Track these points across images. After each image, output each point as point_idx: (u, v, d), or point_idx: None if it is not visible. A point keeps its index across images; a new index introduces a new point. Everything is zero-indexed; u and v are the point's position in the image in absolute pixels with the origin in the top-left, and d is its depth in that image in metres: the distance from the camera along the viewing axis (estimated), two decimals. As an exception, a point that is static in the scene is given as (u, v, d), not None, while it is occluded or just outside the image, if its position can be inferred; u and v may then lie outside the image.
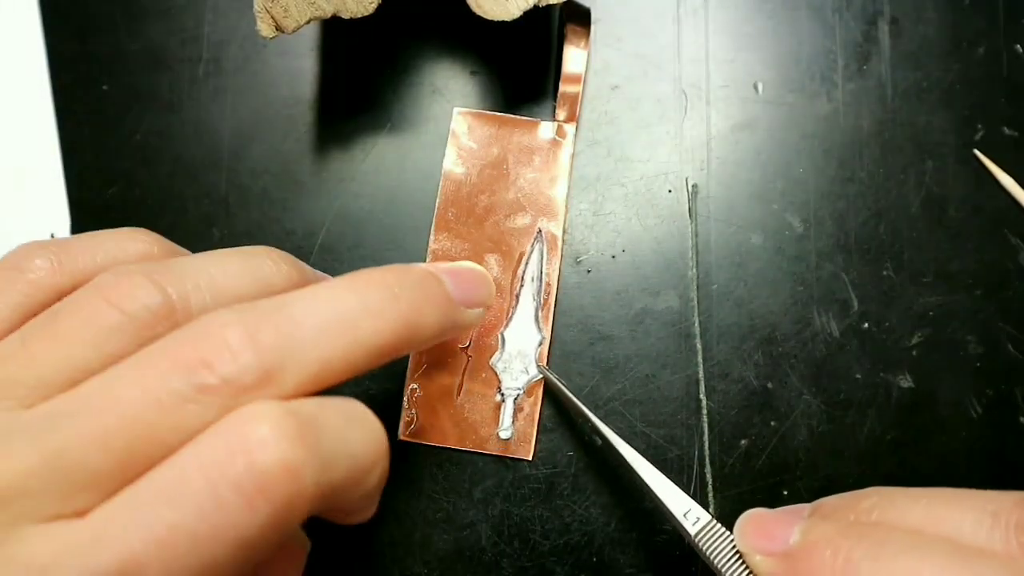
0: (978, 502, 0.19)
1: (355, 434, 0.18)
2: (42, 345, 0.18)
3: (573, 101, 0.29)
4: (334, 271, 0.28)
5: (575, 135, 0.30)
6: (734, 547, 0.21)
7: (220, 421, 0.16)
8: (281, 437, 0.16)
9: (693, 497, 0.27)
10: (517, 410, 0.27)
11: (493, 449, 0.27)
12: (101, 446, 0.16)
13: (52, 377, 0.18)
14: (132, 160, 0.30)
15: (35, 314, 0.20)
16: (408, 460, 0.27)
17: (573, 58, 0.29)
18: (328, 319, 0.19)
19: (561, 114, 0.29)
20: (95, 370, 0.18)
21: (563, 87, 0.29)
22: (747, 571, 0.21)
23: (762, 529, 0.21)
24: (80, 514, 0.16)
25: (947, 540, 0.19)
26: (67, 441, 0.16)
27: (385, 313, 0.19)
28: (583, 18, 0.29)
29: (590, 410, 0.26)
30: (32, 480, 0.16)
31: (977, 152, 0.29)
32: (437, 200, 0.29)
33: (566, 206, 0.29)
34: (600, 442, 0.27)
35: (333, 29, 0.31)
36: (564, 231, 0.29)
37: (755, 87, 0.30)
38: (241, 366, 0.17)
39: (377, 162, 0.30)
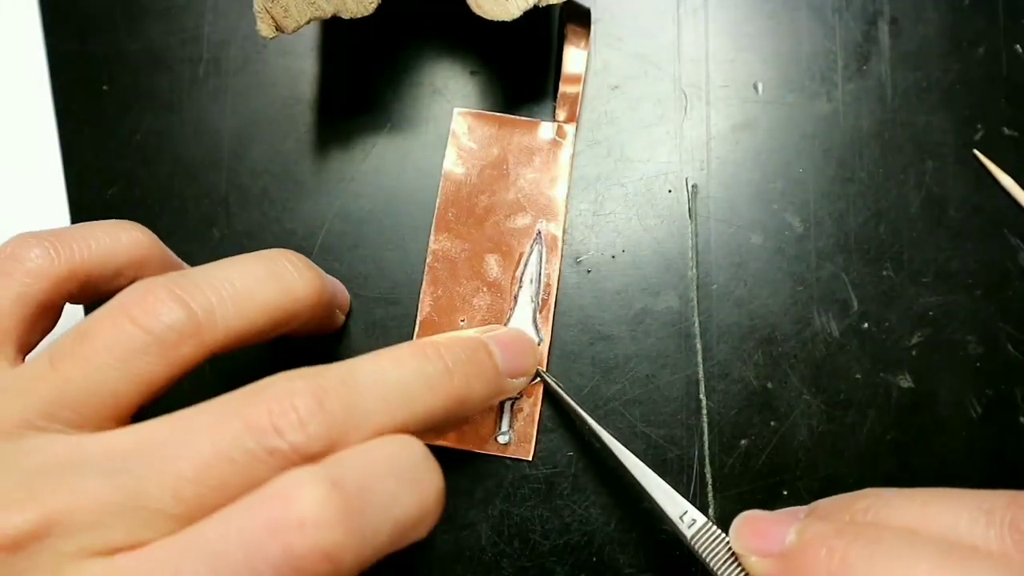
0: (973, 501, 0.19)
1: (405, 497, 0.18)
2: (73, 367, 0.19)
3: (573, 101, 0.29)
4: (334, 271, 0.28)
5: (575, 135, 0.30)
6: (730, 549, 0.21)
7: (268, 486, 0.17)
8: (322, 521, 0.16)
9: (693, 497, 0.27)
10: (516, 411, 0.27)
11: (493, 450, 0.27)
12: (174, 492, 0.17)
13: (89, 401, 0.18)
14: (132, 160, 0.30)
15: (37, 303, 0.20)
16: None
17: (573, 58, 0.29)
18: (390, 390, 0.19)
19: (561, 114, 0.29)
20: (125, 393, 0.19)
21: (563, 87, 0.29)
22: (743, 573, 0.21)
23: (757, 530, 0.21)
24: (134, 547, 0.17)
25: (942, 539, 0.19)
26: (143, 483, 0.17)
27: (440, 387, 0.20)
28: (583, 18, 0.29)
29: (588, 412, 0.26)
30: (104, 516, 0.17)
31: (977, 152, 0.29)
32: (437, 200, 0.29)
33: (566, 206, 0.29)
34: (598, 445, 0.27)
35: (333, 29, 0.31)
36: (564, 232, 0.29)
37: (755, 87, 0.30)
38: (310, 436, 0.17)
39: (377, 162, 0.30)
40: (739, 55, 0.30)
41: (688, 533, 0.22)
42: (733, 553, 0.21)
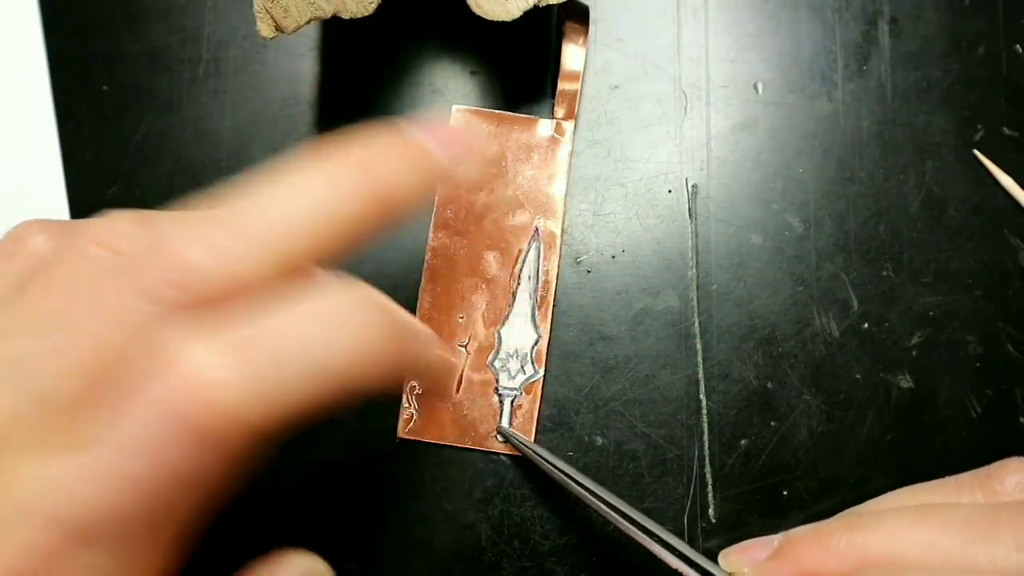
0: (943, 488, 0.22)
1: (327, 342, 0.16)
2: (38, 294, 0.17)
3: (572, 98, 0.29)
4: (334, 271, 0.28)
5: (574, 133, 0.30)
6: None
7: (153, 353, 0.16)
8: (216, 382, 0.15)
9: (693, 497, 0.27)
10: (516, 408, 0.27)
11: (492, 446, 0.27)
12: (78, 376, 0.16)
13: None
14: (132, 160, 0.30)
15: None
16: (408, 460, 0.27)
17: (571, 55, 0.29)
18: (292, 210, 0.18)
19: (559, 111, 0.29)
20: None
21: (561, 85, 0.29)
22: None
23: (744, 548, 0.23)
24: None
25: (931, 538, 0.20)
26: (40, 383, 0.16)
27: (356, 191, 0.18)
28: (581, 16, 0.29)
29: (590, 410, 0.26)
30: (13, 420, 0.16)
31: (977, 152, 0.29)
32: (435, 198, 0.29)
33: (565, 204, 0.29)
34: (600, 441, 0.27)
35: (333, 29, 0.31)
36: (563, 229, 0.29)
37: (755, 87, 0.30)
38: (206, 280, 0.17)
39: (377, 162, 0.30)
40: (739, 55, 0.30)
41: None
42: None
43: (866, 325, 0.28)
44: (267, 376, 0.16)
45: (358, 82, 0.30)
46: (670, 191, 0.29)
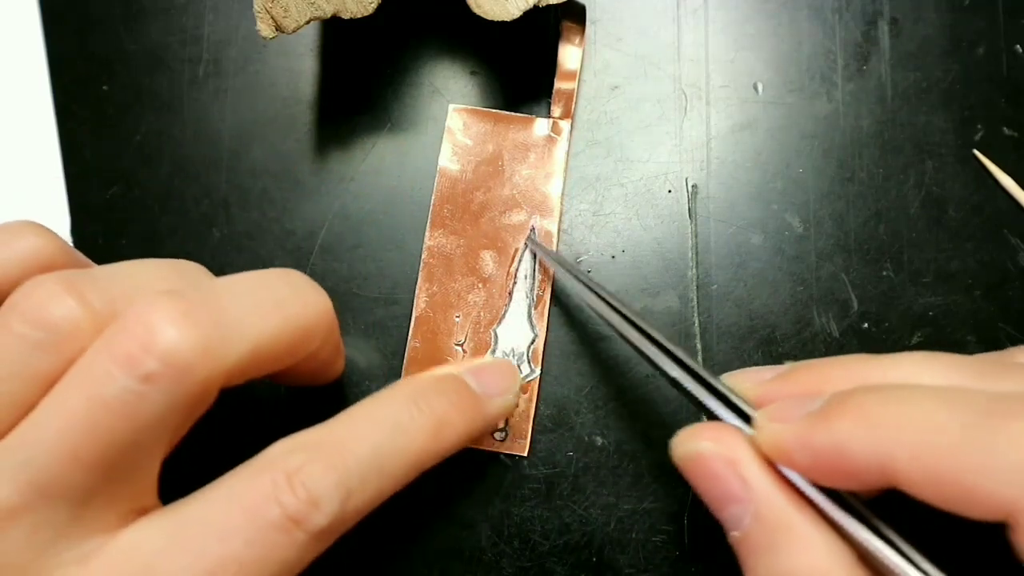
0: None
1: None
2: None
3: (568, 98, 0.29)
4: (334, 271, 0.29)
5: (570, 132, 0.30)
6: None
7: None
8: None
9: (693, 498, 0.27)
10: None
11: (489, 446, 0.27)
12: (78, 463, 0.17)
13: None
14: (132, 160, 0.30)
15: None
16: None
17: (568, 55, 0.30)
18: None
19: (556, 111, 0.29)
20: (32, 401, 0.18)
21: (558, 84, 0.29)
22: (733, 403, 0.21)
23: (749, 370, 0.22)
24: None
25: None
26: (44, 465, 0.17)
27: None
28: (578, 15, 0.29)
29: (592, 411, 0.26)
30: (19, 510, 0.17)
31: (977, 152, 0.29)
32: (433, 197, 0.29)
33: (561, 203, 0.29)
34: (600, 441, 0.27)
35: (333, 29, 0.31)
36: (560, 228, 0.29)
37: (755, 87, 0.30)
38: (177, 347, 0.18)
39: (377, 162, 0.30)
40: (739, 55, 0.30)
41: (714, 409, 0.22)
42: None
43: (866, 325, 0.28)
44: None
45: (358, 82, 0.30)
46: (670, 191, 0.29)
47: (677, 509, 0.27)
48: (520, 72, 0.30)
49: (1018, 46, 0.30)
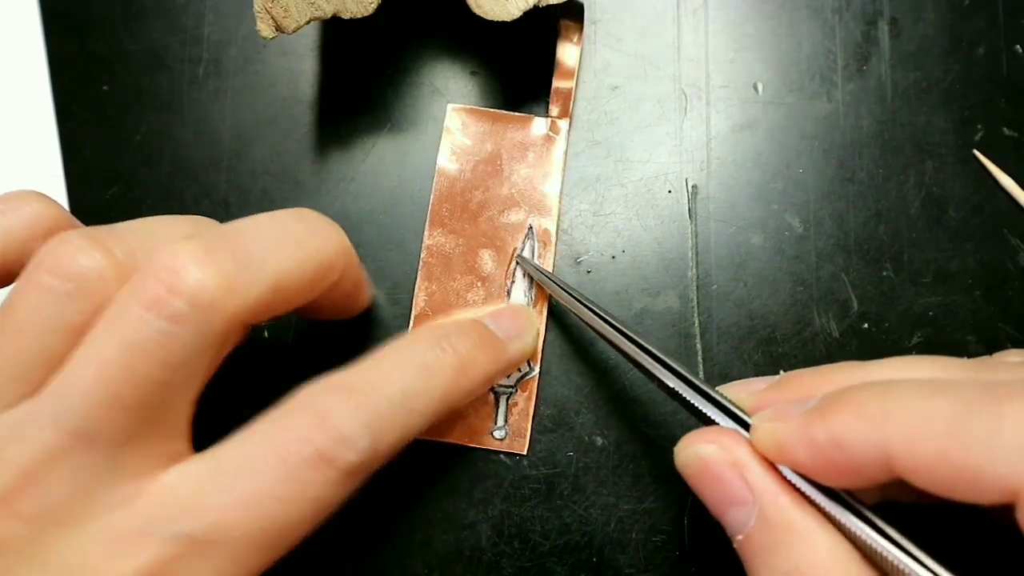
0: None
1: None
2: (5, 341, 0.19)
3: (566, 97, 0.29)
4: (334, 271, 0.28)
5: (568, 131, 0.30)
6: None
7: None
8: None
9: (693, 498, 0.27)
10: (511, 406, 0.27)
11: (489, 444, 0.27)
12: (116, 407, 0.18)
13: (32, 368, 0.18)
14: (132, 160, 0.30)
15: None
16: (408, 459, 0.27)
17: (566, 53, 0.30)
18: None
19: (554, 110, 0.29)
20: (66, 350, 0.18)
21: (556, 83, 0.29)
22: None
23: (745, 382, 0.23)
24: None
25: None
26: (83, 410, 0.18)
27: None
28: (577, 13, 0.29)
29: (592, 411, 0.26)
30: (62, 455, 0.18)
31: (977, 152, 0.29)
32: (431, 196, 0.29)
33: (560, 202, 0.29)
34: (600, 441, 0.27)
35: (333, 29, 0.31)
36: (558, 227, 0.29)
37: (755, 87, 0.30)
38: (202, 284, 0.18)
39: (377, 162, 0.30)
40: (739, 55, 0.30)
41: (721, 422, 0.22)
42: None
43: (866, 325, 0.28)
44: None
45: (358, 82, 0.30)
46: (670, 191, 0.29)
47: (677, 509, 0.27)
48: (520, 72, 0.30)
49: (1018, 46, 0.30)
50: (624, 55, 0.30)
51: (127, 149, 0.30)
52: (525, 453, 0.27)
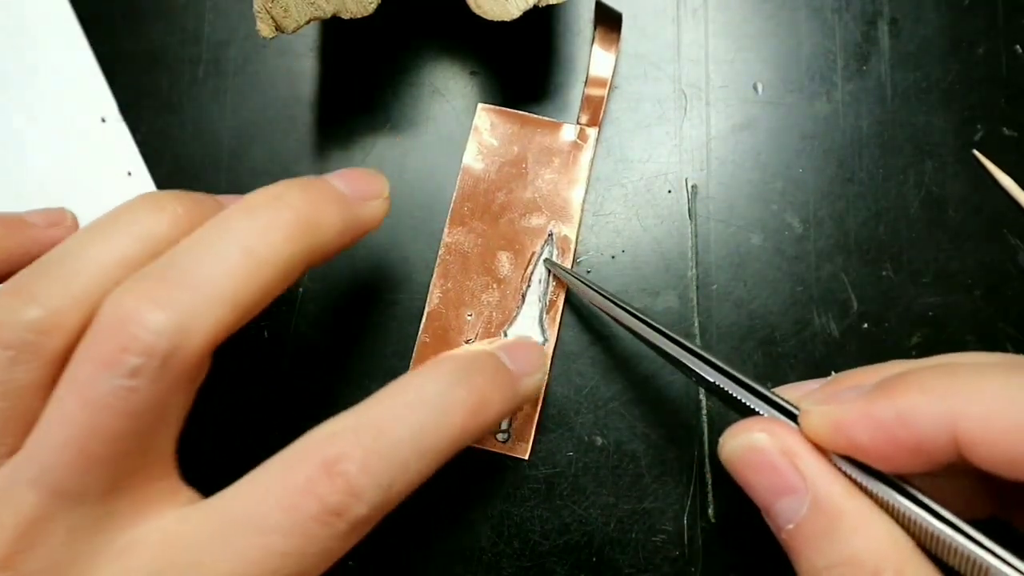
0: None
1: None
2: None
3: (598, 105, 0.29)
4: (333, 271, 0.28)
5: (597, 139, 0.29)
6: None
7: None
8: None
9: (693, 497, 0.27)
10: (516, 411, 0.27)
11: (491, 447, 0.27)
12: (92, 462, 0.18)
13: (3, 435, 0.18)
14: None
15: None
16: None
17: (601, 61, 0.29)
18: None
19: (584, 117, 0.29)
20: (39, 405, 0.18)
21: (588, 90, 0.29)
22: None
23: (794, 385, 0.23)
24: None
25: None
26: (60, 470, 0.17)
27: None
28: (614, 21, 0.29)
29: (592, 409, 0.26)
30: (48, 517, 0.17)
31: (977, 152, 0.29)
32: (454, 193, 0.29)
33: (582, 210, 0.29)
34: (600, 441, 0.27)
35: (333, 29, 0.31)
36: (578, 237, 0.29)
37: (755, 87, 0.30)
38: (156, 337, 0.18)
39: (377, 162, 0.30)
40: (739, 55, 0.30)
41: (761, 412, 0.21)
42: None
43: (866, 325, 0.28)
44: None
45: (358, 82, 0.30)
46: (670, 191, 0.29)
47: (677, 509, 0.27)
48: (520, 72, 0.30)
49: (1018, 46, 0.30)
50: (624, 55, 0.30)
51: (127, 149, 0.30)
52: (527, 459, 0.27)
